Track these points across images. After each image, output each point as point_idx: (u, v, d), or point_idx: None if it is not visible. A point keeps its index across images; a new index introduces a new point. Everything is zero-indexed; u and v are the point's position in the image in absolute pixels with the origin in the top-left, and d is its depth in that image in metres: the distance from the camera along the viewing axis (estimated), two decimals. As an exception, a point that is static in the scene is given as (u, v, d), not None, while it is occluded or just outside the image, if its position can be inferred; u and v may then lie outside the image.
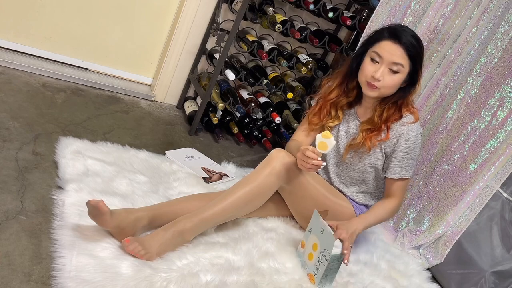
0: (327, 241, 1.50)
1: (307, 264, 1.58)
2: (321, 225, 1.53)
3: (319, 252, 1.52)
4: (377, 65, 1.59)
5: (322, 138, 1.49)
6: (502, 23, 1.99)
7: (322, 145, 1.50)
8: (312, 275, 1.55)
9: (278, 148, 1.67)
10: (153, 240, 1.40)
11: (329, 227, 1.52)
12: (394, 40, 1.57)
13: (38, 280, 1.22)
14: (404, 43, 1.57)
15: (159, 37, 2.64)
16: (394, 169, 1.71)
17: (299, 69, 2.48)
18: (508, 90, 1.93)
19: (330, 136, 1.49)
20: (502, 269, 1.79)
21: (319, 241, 1.53)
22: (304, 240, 1.62)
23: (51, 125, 1.94)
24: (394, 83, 1.61)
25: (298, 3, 2.43)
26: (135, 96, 2.60)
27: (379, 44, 1.60)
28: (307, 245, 1.60)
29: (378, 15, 2.19)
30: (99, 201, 1.34)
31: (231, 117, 2.62)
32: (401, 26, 1.63)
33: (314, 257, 1.55)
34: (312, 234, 1.58)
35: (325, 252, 1.49)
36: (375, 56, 1.59)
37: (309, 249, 1.58)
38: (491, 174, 1.89)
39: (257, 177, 1.59)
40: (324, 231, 1.51)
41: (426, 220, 2.12)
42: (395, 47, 1.57)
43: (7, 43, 2.35)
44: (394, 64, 1.58)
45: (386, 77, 1.59)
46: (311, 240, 1.57)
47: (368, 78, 1.60)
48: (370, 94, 1.64)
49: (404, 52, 1.57)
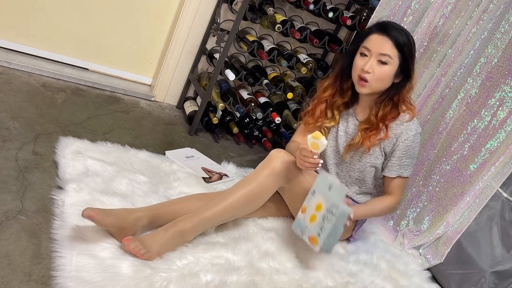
0: (336, 195, 1.49)
1: (308, 228, 1.54)
2: (330, 182, 1.52)
3: (324, 210, 1.50)
4: (366, 58, 1.62)
5: (312, 139, 1.51)
6: (502, 23, 1.99)
7: (314, 145, 1.52)
8: (314, 237, 1.51)
9: (278, 148, 1.67)
10: (153, 239, 1.40)
11: (338, 181, 1.52)
12: (381, 32, 1.61)
13: (38, 280, 1.22)
14: (390, 34, 1.60)
15: (159, 37, 2.64)
16: (392, 167, 1.72)
17: (299, 69, 2.48)
18: (508, 90, 1.93)
19: (320, 136, 1.50)
20: (502, 269, 1.79)
21: (325, 199, 1.51)
22: (305, 205, 1.58)
23: (51, 125, 1.94)
24: (383, 75, 1.62)
25: (298, 3, 2.43)
26: (135, 96, 2.60)
27: (367, 39, 1.63)
28: (308, 209, 1.56)
29: (378, 15, 2.20)
30: (93, 213, 1.32)
31: (231, 117, 2.62)
32: (387, 21, 1.67)
33: (318, 218, 1.51)
34: (316, 195, 1.55)
35: (333, 207, 1.47)
36: (364, 50, 1.63)
37: (312, 211, 1.54)
38: (491, 174, 1.89)
39: (257, 177, 1.59)
40: (332, 186, 1.50)
41: (426, 220, 2.12)
42: (382, 38, 1.60)
43: (7, 43, 2.35)
44: (382, 55, 1.60)
45: (375, 69, 1.61)
46: (315, 201, 1.54)
47: (358, 71, 1.63)
48: (361, 90, 1.65)
49: (392, 42, 1.59)
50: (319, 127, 1.79)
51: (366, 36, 1.64)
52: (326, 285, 1.59)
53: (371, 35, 1.63)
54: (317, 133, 1.51)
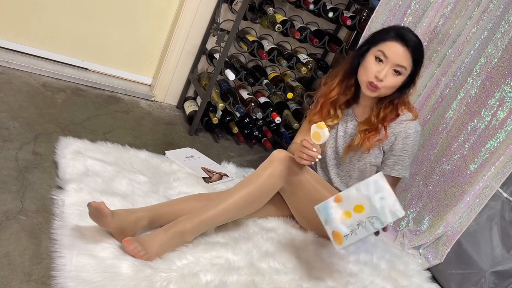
0: (384, 211, 1.39)
1: (336, 222, 1.42)
2: (384, 192, 1.40)
3: (364, 217, 1.40)
4: (381, 65, 1.58)
5: (316, 128, 1.50)
6: (502, 23, 1.98)
7: (316, 135, 1.50)
8: (340, 235, 1.41)
9: (279, 149, 1.67)
10: (153, 240, 1.40)
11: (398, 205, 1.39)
12: (402, 42, 1.57)
13: (38, 280, 1.22)
14: (411, 46, 1.57)
15: (159, 37, 2.64)
16: (393, 166, 1.71)
17: (299, 69, 2.48)
18: (508, 90, 1.93)
19: (324, 127, 1.49)
20: (502, 269, 1.79)
21: (370, 206, 1.40)
22: (343, 195, 1.44)
23: (51, 125, 1.94)
24: (395, 84, 1.61)
25: (298, 3, 2.43)
26: (135, 96, 2.60)
27: (385, 44, 1.58)
28: (345, 203, 1.43)
29: (378, 15, 2.20)
30: (100, 203, 1.33)
31: (231, 117, 2.62)
32: (406, 29, 1.63)
33: (353, 219, 1.41)
34: (362, 195, 1.42)
35: (376, 220, 1.39)
36: (380, 55, 1.58)
37: (348, 207, 1.42)
38: (491, 174, 1.89)
39: (258, 178, 1.59)
40: (385, 199, 1.39)
41: (426, 220, 2.12)
42: (403, 50, 1.56)
43: (7, 43, 2.35)
44: (399, 66, 1.58)
45: (388, 78, 1.59)
46: (356, 200, 1.42)
47: (371, 78, 1.59)
48: (369, 94, 1.63)
49: (410, 55, 1.57)
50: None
51: (384, 40, 1.59)
52: (326, 285, 1.59)
53: (390, 42, 1.57)
54: (322, 123, 1.49)
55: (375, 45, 1.61)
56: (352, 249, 1.87)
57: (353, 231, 1.42)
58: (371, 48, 1.62)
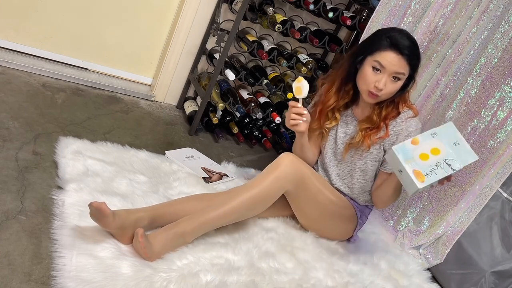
0: (459, 154, 1.51)
1: (416, 161, 1.50)
2: (458, 138, 1.53)
3: (441, 159, 1.50)
4: (379, 75, 1.59)
5: (296, 83, 1.61)
6: (502, 23, 1.99)
7: (298, 90, 1.61)
8: (421, 174, 1.48)
9: (287, 152, 1.67)
10: (154, 240, 1.40)
11: (469, 147, 1.53)
12: (396, 51, 1.56)
13: (38, 280, 1.22)
14: (406, 54, 1.56)
15: (159, 37, 2.64)
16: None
17: (299, 69, 2.48)
18: (508, 90, 1.93)
19: (302, 79, 1.60)
20: (502, 269, 1.79)
21: (445, 149, 1.51)
22: (419, 139, 1.53)
23: (51, 125, 1.94)
24: (395, 90, 1.63)
25: (298, 3, 2.43)
26: (135, 96, 2.60)
27: (380, 54, 1.58)
28: (422, 145, 1.52)
29: (378, 15, 2.20)
30: (102, 203, 1.33)
31: (231, 117, 2.61)
32: (399, 32, 1.61)
33: (431, 160, 1.50)
34: (437, 139, 1.53)
35: (453, 161, 1.49)
36: (377, 65, 1.58)
37: (425, 149, 1.51)
38: (491, 174, 1.89)
39: (264, 181, 1.59)
40: (459, 145, 1.52)
41: (426, 220, 2.12)
42: (398, 59, 1.56)
43: (7, 43, 2.34)
44: (397, 73, 1.59)
45: (388, 85, 1.60)
46: (431, 143, 1.52)
47: (371, 87, 1.60)
48: (371, 101, 1.65)
49: (406, 62, 1.58)
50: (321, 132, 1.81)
51: (378, 50, 1.58)
52: (326, 285, 1.59)
53: (385, 52, 1.57)
54: (300, 78, 1.61)
55: (370, 55, 1.60)
56: (352, 249, 1.88)
57: (432, 170, 1.49)
58: (367, 57, 1.61)
